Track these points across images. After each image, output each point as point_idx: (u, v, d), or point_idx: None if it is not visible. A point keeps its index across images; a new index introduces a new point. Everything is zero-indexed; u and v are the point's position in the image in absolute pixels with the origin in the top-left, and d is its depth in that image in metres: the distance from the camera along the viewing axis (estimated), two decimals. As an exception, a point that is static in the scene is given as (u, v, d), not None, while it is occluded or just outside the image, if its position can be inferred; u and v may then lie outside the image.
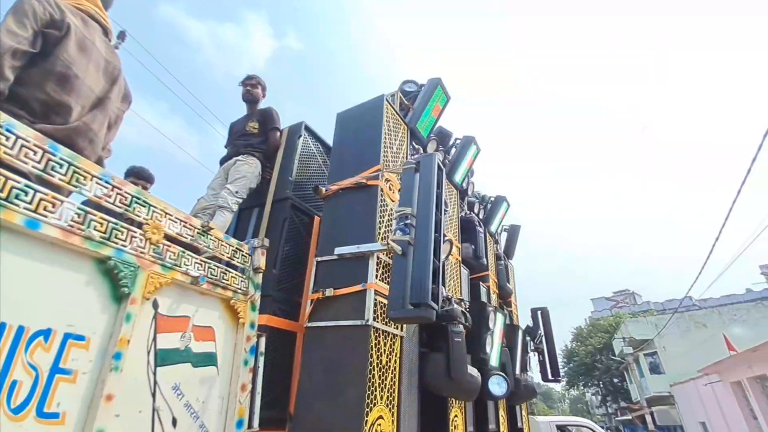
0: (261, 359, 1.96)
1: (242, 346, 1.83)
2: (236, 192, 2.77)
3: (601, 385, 33.11)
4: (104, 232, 1.31)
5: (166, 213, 1.58)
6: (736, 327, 20.30)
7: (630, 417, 28.06)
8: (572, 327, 36.92)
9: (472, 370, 2.66)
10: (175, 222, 1.62)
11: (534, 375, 6.58)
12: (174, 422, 1.42)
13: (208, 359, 1.65)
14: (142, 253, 1.42)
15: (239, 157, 2.95)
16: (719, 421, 15.33)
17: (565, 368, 34.00)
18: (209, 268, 1.73)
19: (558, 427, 6.44)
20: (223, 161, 3.10)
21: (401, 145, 3.03)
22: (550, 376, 5.29)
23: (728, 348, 14.48)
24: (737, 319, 21.68)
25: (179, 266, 1.56)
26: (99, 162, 1.64)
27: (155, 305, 1.46)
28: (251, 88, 3.29)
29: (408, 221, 2.04)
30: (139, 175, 2.97)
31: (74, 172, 1.28)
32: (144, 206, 1.49)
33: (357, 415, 1.88)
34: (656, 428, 21.87)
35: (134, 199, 1.46)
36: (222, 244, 1.87)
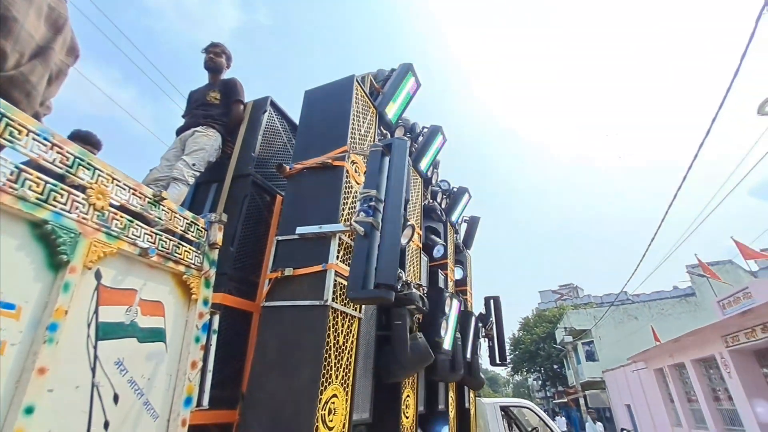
0: (214, 337, 1.90)
1: (194, 323, 1.76)
2: (193, 165, 2.62)
3: (542, 371, 35.44)
4: (41, 194, 1.19)
5: (113, 178, 1.47)
6: (663, 320, 22.37)
7: (566, 400, 30.28)
8: (520, 317, 39.06)
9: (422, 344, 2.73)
10: (123, 189, 1.51)
11: (483, 359, 6.91)
12: (116, 399, 1.35)
13: (155, 335, 1.57)
14: (84, 219, 1.32)
15: (198, 128, 2.78)
16: (642, 403, 16.95)
17: (512, 355, 35.99)
18: (160, 240, 1.63)
19: (502, 407, 6.81)
20: (179, 131, 2.91)
21: (369, 128, 3.00)
22: (498, 361, 5.57)
23: (655, 339, 15.95)
24: (664, 313, 23.89)
25: (126, 236, 1.46)
26: (36, 118, 1.48)
27: (98, 276, 1.36)
28: (214, 56, 3.10)
29: (372, 203, 2.03)
30: (85, 140, 2.73)
31: (7, 125, 1.15)
32: (88, 169, 1.38)
33: (311, 393, 1.88)
34: (588, 410, 23.80)
35: (77, 160, 1.34)
36: (175, 217, 1.77)
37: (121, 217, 1.47)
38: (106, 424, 1.30)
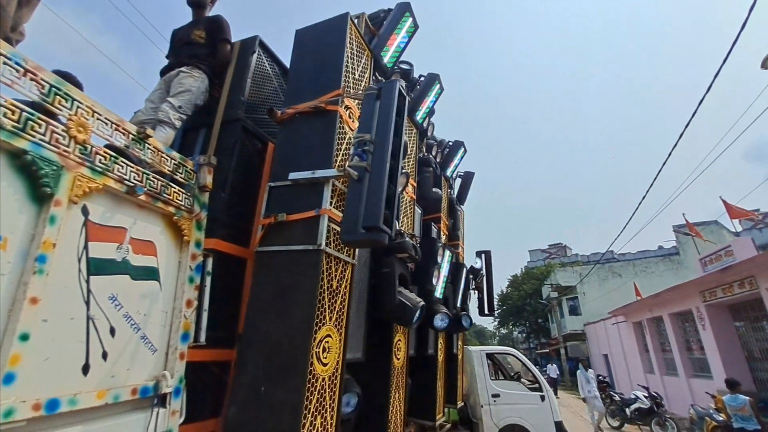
0: (208, 279, 1.92)
1: (187, 264, 1.76)
2: (179, 107, 2.50)
3: (527, 325, 37.19)
4: (17, 122, 1.13)
5: (94, 111, 1.40)
6: (646, 277, 23.23)
7: (547, 350, 32.05)
8: (509, 275, 40.28)
9: (413, 298, 2.80)
10: (105, 123, 1.45)
11: (472, 309, 7.18)
12: (112, 331, 1.37)
13: (149, 273, 1.58)
14: (66, 152, 1.27)
15: (183, 69, 2.63)
16: (619, 353, 18.00)
17: (499, 310, 37.52)
18: (148, 179, 1.59)
19: (487, 354, 7.20)
20: (163, 72, 2.75)
21: (364, 72, 2.87)
22: (486, 311, 5.79)
23: (636, 294, 16.64)
24: (647, 271, 24.77)
25: (112, 172, 1.42)
26: (9, 43, 1.38)
27: (85, 211, 1.34)
28: None
29: (366, 147, 1.98)
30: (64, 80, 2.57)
31: (-29, 44, 1.06)
32: (66, 99, 1.30)
33: (305, 332, 1.93)
34: (568, 359, 25.28)
35: (53, 89, 1.27)
36: (162, 157, 1.72)
37: (106, 152, 1.42)
38: (105, 355, 1.33)
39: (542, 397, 6.85)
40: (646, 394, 10.73)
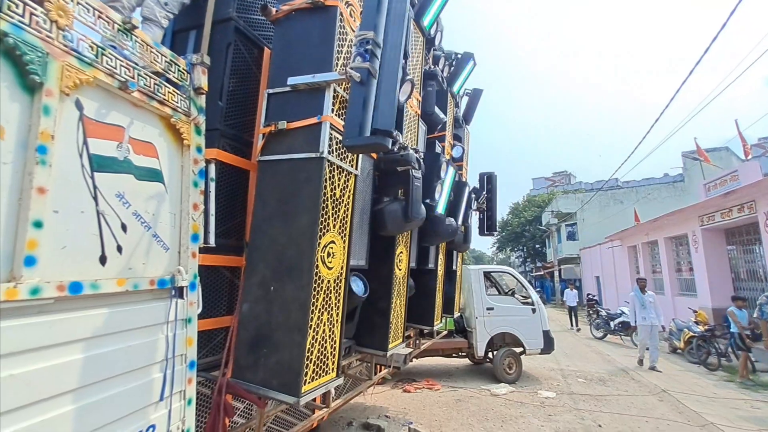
0: (212, 184, 1.93)
1: (190, 168, 1.76)
2: (165, 4, 2.29)
3: (525, 250, 38.52)
4: (-11, -3, 1.04)
5: (72, -7, 1.28)
6: (647, 204, 23.40)
7: (542, 273, 33.66)
8: (511, 202, 40.64)
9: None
10: (86, 9, 1.33)
11: (473, 229, 7.37)
12: (123, 227, 1.41)
13: (152, 175, 1.58)
14: (49, 37, 1.18)
15: None
16: (610, 275, 18.90)
17: (498, 236, 38.60)
18: (140, 75, 1.52)
19: (485, 273, 7.57)
20: None
21: (366, -38, 2.57)
22: (486, 231, 5.94)
23: (635, 220, 16.92)
24: (649, 197, 24.88)
25: (101, 65, 1.34)
26: None
27: (79, 106, 1.29)
28: None
29: (369, 47, 1.85)
30: None
31: None
32: (38, -24, 1.18)
33: (310, 236, 2.00)
34: (561, 281, 26.63)
35: (23, -37, 1.14)
36: (152, 52, 1.62)
37: (91, 41, 1.33)
38: (119, 248, 1.39)
39: (533, 310, 7.36)
40: (631, 310, 11.48)
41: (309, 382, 1.95)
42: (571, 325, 14.46)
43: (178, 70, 1.75)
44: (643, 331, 8.17)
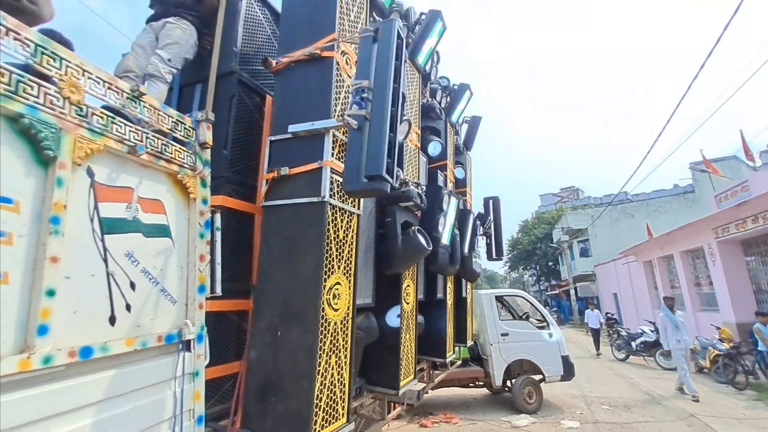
0: (218, 234, 1.98)
1: (196, 221, 1.81)
2: (168, 60, 2.42)
3: (538, 268, 37.88)
4: (8, 84, 1.13)
5: (84, 70, 1.38)
6: (659, 217, 23.06)
7: (557, 292, 32.92)
8: (520, 220, 40.35)
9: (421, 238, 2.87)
10: (97, 82, 1.43)
11: (481, 255, 7.32)
12: (132, 286, 1.46)
13: (160, 231, 1.63)
14: (62, 113, 1.27)
15: (170, 20, 2.52)
16: (628, 292, 18.40)
17: (509, 255, 38.11)
18: (148, 138, 1.60)
19: (497, 297, 7.45)
20: (149, 21, 2.65)
21: (360, 12, 2.71)
22: (494, 256, 5.90)
23: (648, 234, 16.63)
24: (660, 210, 24.54)
25: (111, 133, 1.43)
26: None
27: (90, 173, 1.36)
28: None
29: (364, 95, 1.93)
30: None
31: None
32: (54, 59, 1.28)
33: (315, 280, 2.02)
34: (577, 299, 25.99)
35: (39, 48, 1.24)
36: (160, 114, 1.71)
37: (102, 112, 1.41)
38: (128, 307, 1.43)
39: (550, 335, 7.16)
40: (652, 329, 11.12)
41: (319, 431, 1.92)
42: (597, 351, 13.21)
43: (184, 128, 1.84)
44: (679, 355, 7.33)
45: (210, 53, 2.72)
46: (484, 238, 6.04)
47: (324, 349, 2.00)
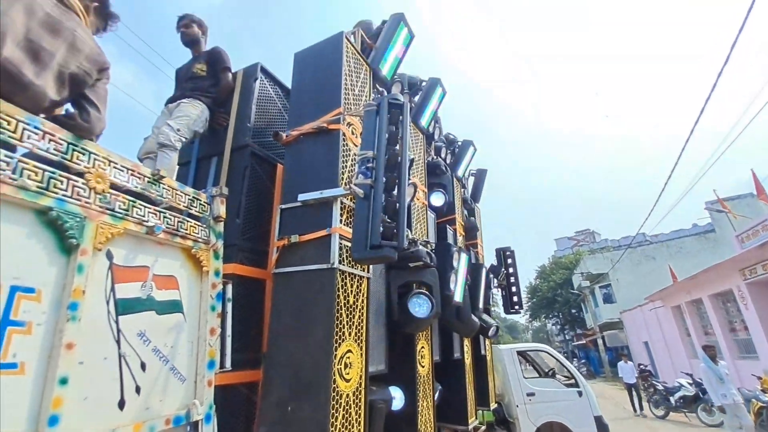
0: (229, 305, 1.99)
1: (208, 293, 1.84)
2: (178, 130, 2.58)
3: (560, 316, 36.27)
4: (40, 181, 1.23)
5: (110, 161, 1.50)
6: (681, 258, 22.29)
7: (584, 342, 31.18)
8: (537, 266, 39.44)
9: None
10: (122, 170, 1.54)
11: (498, 309, 7.10)
12: (143, 366, 1.46)
13: (173, 307, 1.66)
14: (87, 203, 1.36)
15: (184, 100, 2.76)
16: (659, 340, 17.32)
17: (529, 303, 36.79)
18: (165, 217, 1.68)
19: (519, 352, 7.08)
20: (167, 103, 2.91)
21: (363, 86, 2.92)
22: (512, 309, 5.72)
23: (672, 278, 16.00)
24: (682, 251, 23.78)
25: (131, 216, 1.51)
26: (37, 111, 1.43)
27: (109, 256, 1.43)
28: (185, 29, 3.02)
29: (370, 164, 2.03)
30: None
31: (-5, 117, 1.17)
32: (83, 153, 1.40)
33: (326, 350, 1.99)
34: (606, 349, 24.50)
35: (71, 146, 1.37)
36: (177, 193, 1.81)
37: (124, 198, 1.51)
38: (138, 389, 1.42)
39: (579, 393, 6.68)
40: (690, 381, 10.32)
41: None
42: (634, 409, 11.92)
43: (200, 204, 1.94)
44: (730, 411, 6.51)
45: (225, 129, 2.94)
46: (500, 290, 5.90)
47: (336, 426, 1.92)
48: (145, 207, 1.60)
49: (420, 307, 2.68)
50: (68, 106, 1.67)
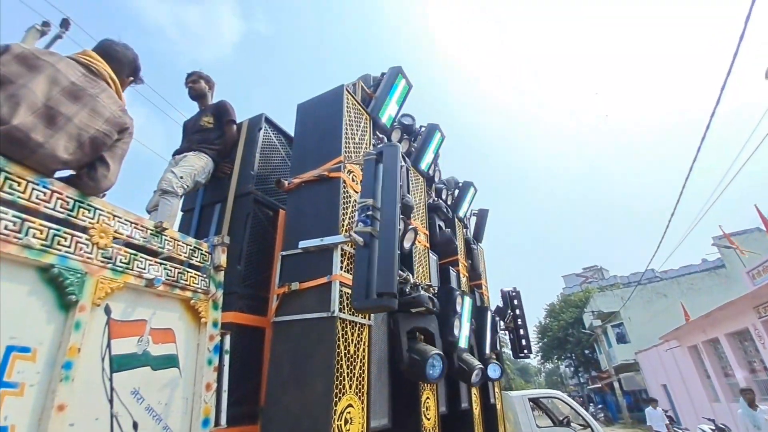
0: (226, 357, 1.95)
1: (205, 346, 1.81)
2: (181, 177, 2.65)
3: (573, 357, 34.83)
4: (44, 239, 1.26)
5: (114, 215, 1.53)
6: (693, 295, 21.70)
7: (600, 385, 29.72)
8: (545, 304, 38.48)
9: (427, 350, 2.73)
10: (125, 224, 1.58)
11: (508, 351, 6.85)
12: (135, 426, 1.41)
13: (168, 361, 1.63)
14: (89, 258, 1.38)
15: (190, 153, 2.87)
16: (678, 382, 16.49)
17: (540, 343, 35.52)
18: (165, 269, 1.70)
19: (531, 399, 6.75)
20: (175, 154, 3.01)
21: (363, 135, 3.03)
22: (521, 353, 5.52)
23: (685, 316, 15.50)
24: (694, 288, 23.19)
25: (131, 269, 1.53)
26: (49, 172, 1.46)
27: (107, 311, 1.43)
28: (193, 84, 3.20)
29: (370, 212, 2.05)
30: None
31: (6, 178, 1.22)
32: (88, 210, 1.44)
33: (325, 405, 1.91)
34: (623, 393, 23.29)
35: (77, 203, 1.41)
36: (179, 244, 1.83)
37: (126, 251, 1.53)
38: (128, 452, 1.36)
39: (596, 443, 6.30)
40: (713, 427, 9.71)
41: None
42: None
43: (201, 254, 1.95)
44: None
45: (229, 177, 3.02)
46: (507, 332, 5.73)
47: (335, 488, 1.81)
48: (146, 260, 1.61)
49: (433, 368, 2.67)
50: None
